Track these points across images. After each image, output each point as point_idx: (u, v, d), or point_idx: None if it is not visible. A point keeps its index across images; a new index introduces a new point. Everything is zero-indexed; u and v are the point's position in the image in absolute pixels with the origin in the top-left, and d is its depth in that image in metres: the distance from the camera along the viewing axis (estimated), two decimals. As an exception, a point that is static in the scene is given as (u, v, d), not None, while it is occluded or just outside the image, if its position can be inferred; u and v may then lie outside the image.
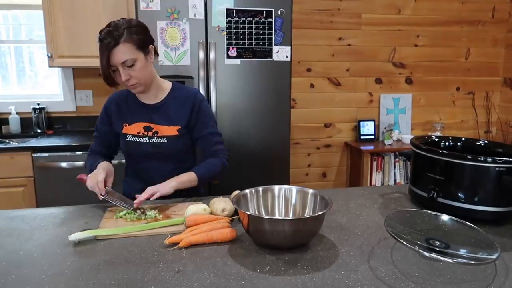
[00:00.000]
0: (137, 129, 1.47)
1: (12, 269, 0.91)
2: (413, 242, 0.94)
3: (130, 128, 1.48)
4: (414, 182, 1.32)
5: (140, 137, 1.46)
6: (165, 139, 1.46)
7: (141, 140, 1.46)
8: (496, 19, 3.42)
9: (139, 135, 1.47)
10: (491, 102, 3.56)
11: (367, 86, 3.34)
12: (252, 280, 0.86)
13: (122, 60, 1.29)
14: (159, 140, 1.46)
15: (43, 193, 2.39)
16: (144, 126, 1.47)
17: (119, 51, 1.27)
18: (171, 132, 1.46)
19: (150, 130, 1.46)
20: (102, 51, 1.28)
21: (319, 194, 1.12)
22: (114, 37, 1.26)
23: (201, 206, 1.18)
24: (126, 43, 1.28)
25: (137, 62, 1.32)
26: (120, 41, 1.27)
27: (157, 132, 1.46)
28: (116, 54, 1.28)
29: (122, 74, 1.31)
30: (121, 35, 1.27)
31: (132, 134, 1.47)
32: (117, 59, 1.28)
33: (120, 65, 1.30)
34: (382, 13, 3.23)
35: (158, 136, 1.46)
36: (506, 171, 1.09)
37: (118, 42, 1.27)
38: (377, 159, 3.17)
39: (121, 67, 1.30)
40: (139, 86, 1.38)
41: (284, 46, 2.36)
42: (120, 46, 1.27)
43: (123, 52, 1.28)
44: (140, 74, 1.34)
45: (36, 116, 2.84)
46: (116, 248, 1.02)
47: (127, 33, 1.28)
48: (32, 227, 1.16)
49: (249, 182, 1.35)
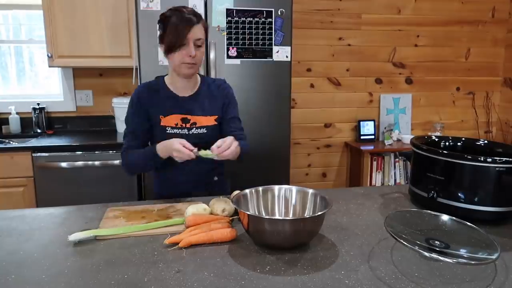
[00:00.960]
0: (175, 120, 1.47)
1: (12, 269, 0.91)
2: (413, 242, 0.94)
3: (167, 120, 1.47)
4: (414, 182, 1.32)
5: (180, 129, 1.47)
6: (205, 129, 1.49)
7: (181, 132, 1.47)
8: (496, 19, 3.42)
9: (177, 126, 1.47)
10: (491, 102, 3.56)
11: (367, 86, 3.34)
12: (252, 280, 0.86)
13: (198, 37, 1.40)
14: (198, 130, 1.48)
15: (43, 193, 2.39)
16: (182, 118, 1.48)
17: (198, 29, 1.40)
18: (209, 122, 1.50)
19: (187, 121, 1.48)
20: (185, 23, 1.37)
21: (319, 194, 1.12)
22: (197, 16, 1.41)
23: (201, 206, 1.18)
24: (202, 26, 1.42)
25: (203, 45, 1.44)
26: (200, 22, 1.41)
27: (196, 123, 1.48)
28: (196, 31, 1.39)
29: (193, 49, 1.39)
30: (200, 17, 1.43)
31: (171, 127, 1.47)
32: (195, 35, 1.39)
33: (194, 41, 1.39)
34: (382, 13, 3.23)
35: (197, 126, 1.48)
36: (506, 171, 1.09)
37: (199, 22, 1.40)
38: (377, 159, 3.17)
39: (193, 43, 1.39)
40: (194, 67, 1.44)
41: (284, 46, 2.36)
42: (200, 25, 1.41)
43: (200, 31, 1.41)
44: (202, 56, 1.45)
45: (36, 116, 2.84)
46: (116, 248, 1.02)
47: (202, 18, 1.44)
48: (32, 227, 1.16)
49: (249, 182, 1.35)
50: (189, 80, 1.50)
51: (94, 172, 2.40)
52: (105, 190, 2.41)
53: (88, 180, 2.40)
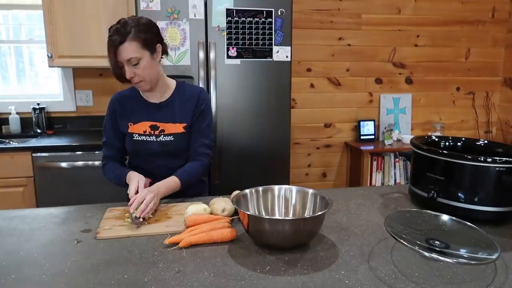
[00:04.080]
0: (143, 128, 1.47)
1: (12, 269, 0.91)
2: (413, 242, 0.94)
3: (136, 127, 1.47)
4: (414, 182, 1.32)
5: (147, 136, 1.46)
6: (172, 136, 1.46)
7: (148, 139, 1.46)
8: (496, 19, 3.42)
9: (145, 134, 1.46)
10: (491, 102, 3.56)
11: (367, 86, 3.34)
12: (252, 280, 0.86)
13: (126, 58, 1.31)
14: (166, 138, 1.46)
15: (43, 193, 2.39)
16: (150, 125, 1.47)
17: (124, 49, 1.30)
18: (177, 129, 1.47)
19: (156, 129, 1.47)
20: (109, 48, 1.31)
21: (319, 194, 1.12)
22: (120, 35, 1.29)
23: (201, 206, 1.18)
24: (132, 42, 1.30)
25: (141, 61, 1.33)
26: (126, 39, 1.29)
27: (164, 130, 1.47)
28: (121, 52, 1.30)
29: (127, 71, 1.33)
30: (128, 33, 1.29)
31: (138, 133, 1.47)
32: (122, 56, 1.31)
33: (126, 62, 1.32)
34: (382, 13, 3.23)
35: (165, 134, 1.46)
36: (506, 171, 1.09)
37: (124, 40, 1.29)
38: (377, 159, 3.17)
39: (126, 64, 1.32)
40: (144, 84, 1.39)
41: (284, 46, 2.36)
42: (126, 44, 1.29)
43: (128, 50, 1.30)
44: (144, 72, 1.35)
45: (36, 116, 2.84)
46: (116, 248, 1.02)
47: (134, 31, 1.30)
48: (32, 227, 1.16)
49: (249, 182, 1.35)
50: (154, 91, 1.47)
51: (94, 172, 2.40)
52: (105, 190, 2.40)
53: (88, 180, 2.40)
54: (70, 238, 1.07)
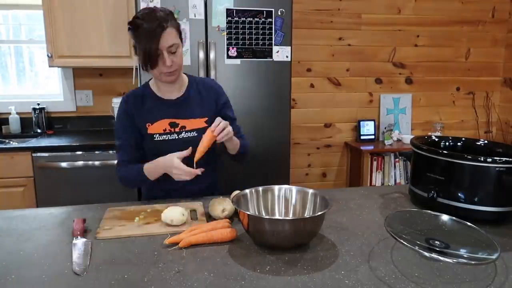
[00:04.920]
0: (163, 126, 1.42)
1: (12, 269, 0.91)
2: (413, 242, 0.94)
3: (155, 127, 1.42)
4: (414, 182, 1.32)
5: (168, 134, 1.42)
6: (195, 132, 1.43)
7: (169, 138, 1.42)
8: (496, 19, 3.42)
9: (165, 132, 1.42)
10: (491, 102, 3.56)
11: (367, 86, 3.34)
12: (252, 280, 0.86)
13: (169, 44, 1.29)
14: (188, 134, 1.43)
15: (43, 193, 2.39)
16: (170, 122, 1.43)
17: (168, 35, 1.28)
18: (199, 124, 1.45)
19: (176, 126, 1.43)
20: (150, 34, 1.26)
21: (319, 194, 1.12)
22: (163, 20, 1.27)
23: (178, 210, 1.13)
24: (172, 29, 1.30)
25: (179, 49, 1.34)
26: (167, 26, 1.28)
27: (185, 126, 1.43)
28: (165, 38, 1.28)
29: (167, 59, 1.30)
30: (167, 20, 1.29)
31: (158, 133, 1.42)
32: (164, 43, 1.28)
33: (166, 49, 1.30)
34: (382, 13, 3.23)
35: (187, 130, 1.43)
36: (506, 171, 1.09)
37: (166, 26, 1.28)
38: (377, 159, 3.17)
39: (166, 51, 1.30)
40: (176, 73, 1.37)
41: (284, 46, 2.36)
42: (168, 30, 1.29)
43: (171, 36, 1.29)
44: (180, 60, 1.36)
45: (36, 116, 2.84)
46: (116, 248, 1.02)
47: (170, 19, 1.31)
48: (32, 227, 1.16)
49: (249, 182, 1.35)
50: (176, 83, 1.45)
51: (94, 172, 2.40)
52: (105, 190, 2.41)
53: (88, 180, 2.40)
54: (70, 238, 1.07)
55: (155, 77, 1.41)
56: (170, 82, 1.41)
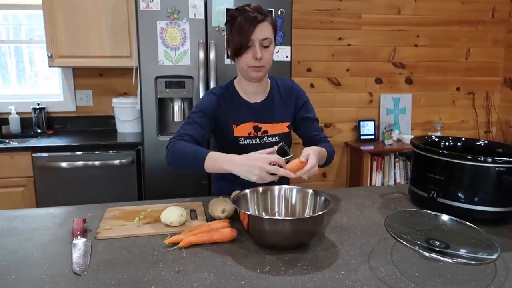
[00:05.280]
0: (247, 130, 1.42)
1: (12, 269, 0.91)
2: (413, 242, 0.94)
3: (240, 129, 1.41)
4: (414, 182, 1.32)
5: (252, 139, 1.42)
6: (277, 137, 1.43)
7: (253, 142, 1.42)
8: (496, 19, 3.42)
9: (250, 136, 1.42)
10: (491, 102, 3.56)
11: (367, 86, 3.34)
12: (252, 280, 0.86)
13: (263, 37, 1.30)
14: (270, 139, 1.43)
15: (43, 193, 2.39)
16: (253, 126, 1.42)
17: (264, 27, 1.30)
18: (282, 129, 1.45)
19: (258, 130, 1.42)
20: (248, 23, 1.27)
21: (319, 194, 1.12)
22: (263, 14, 1.30)
23: (176, 211, 1.13)
24: (269, 24, 1.32)
25: (271, 45, 1.34)
26: (266, 19, 1.31)
27: (267, 131, 1.43)
28: (261, 29, 1.29)
29: (258, 51, 1.29)
30: (267, 15, 1.32)
31: (243, 137, 1.41)
32: (259, 34, 1.29)
33: (259, 42, 1.30)
34: (382, 13, 3.23)
35: (269, 135, 1.43)
36: (506, 171, 1.09)
37: (264, 19, 1.30)
38: (377, 159, 3.17)
39: (258, 43, 1.30)
40: (263, 70, 1.35)
41: (284, 46, 2.36)
42: (265, 23, 1.30)
43: (267, 29, 1.31)
44: (270, 57, 1.35)
45: (36, 116, 2.84)
46: (116, 248, 1.02)
47: (270, 15, 1.33)
48: (32, 227, 1.16)
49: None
50: (260, 84, 1.42)
51: (94, 172, 2.40)
52: (105, 190, 2.41)
53: (88, 180, 2.40)
54: (70, 238, 1.07)
55: (241, 72, 1.39)
56: (255, 79, 1.38)
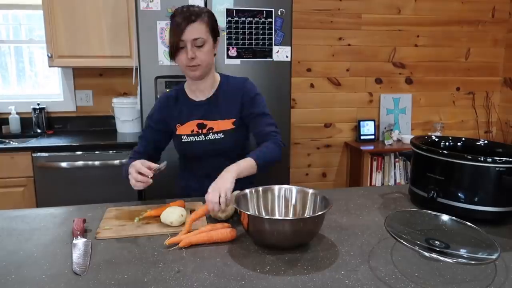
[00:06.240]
0: (191, 127, 1.45)
1: (12, 269, 0.91)
2: (413, 242, 0.94)
3: (183, 128, 1.46)
4: (414, 182, 1.32)
5: (195, 136, 1.44)
6: (222, 134, 1.44)
7: (196, 139, 1.44)
8: (496, 19, 3.42)
9: (193, 133, 1.45)
10: (491, 102, 3.56)
11: (367, 86, 3.34)
12: (252, 280, 0.86)
13: (193, 37, 1.31)
14: (215, 136, 1.44)
15: (43, 193, 2.39)
16: (197, 123, 1.45)
17: (194, 28, 1.31)
18: (226, 126, 1.45)
19: (204, 127, 1.44)
20: (178, 24, 1.31)
21: (319, 194, 1.12)
22: (194, 14, 1.31)
23: (177, 211, 1.13)
24: (202, 23, 1.33)
25: (206, 45, 1.35)
26: (197, 19, 1.32)
27: (212, 128, 1.44)
28: (191, 30, 1.31)
29: (189, 51, 1.32)
30: (200, 14, 1.33)
31: (186, 134, 1.45)
32: (189, 35, 1.31)
33: (191, 42, 1.32)
34: (382, 13, 3.23)
35: (214, 132, 1.44)
36: (506, 171, 1.09)
37: (196, 19, 1.31)
38: (377, 159, 3.17)
39: (190, 44, 1.32)
40: (199, 69, 1.37)
41: (284, 46, 2.36)
42: (196, 24, 1.31)
43: (197, 29, 1.32)
44: (205, 57, 1.35)
45: (36, 116, 2.84)
46: (116, 248, 1.02)
47: (204, 15, 1.34)
48: (32, 227, 1.16)
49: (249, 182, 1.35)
50: (204, 82, 1.45)
51: (94, 172, 2.40)
52: (105, 190, 2.41)
53: (88, 180, 2.40)
54: (70, 238, 1.07)
55: (182, 71, 1.42)
56: (194, 78, 1.41)
